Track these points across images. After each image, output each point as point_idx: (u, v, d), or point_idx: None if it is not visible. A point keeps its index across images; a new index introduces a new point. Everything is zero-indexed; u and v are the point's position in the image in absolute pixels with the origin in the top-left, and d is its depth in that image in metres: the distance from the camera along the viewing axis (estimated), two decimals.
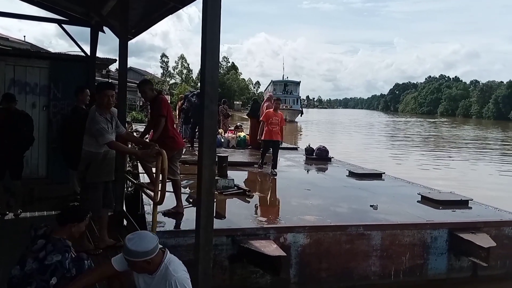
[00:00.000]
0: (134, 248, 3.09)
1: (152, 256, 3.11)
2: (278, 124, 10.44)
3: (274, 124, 10.39)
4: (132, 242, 3.12)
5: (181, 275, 3.15)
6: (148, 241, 3.14)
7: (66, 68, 9.36)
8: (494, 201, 8.71)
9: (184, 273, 3.20)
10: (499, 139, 41.57)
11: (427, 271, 6.47)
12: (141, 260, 3.10)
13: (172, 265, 3.18)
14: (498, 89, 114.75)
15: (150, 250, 3.09)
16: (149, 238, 3.18)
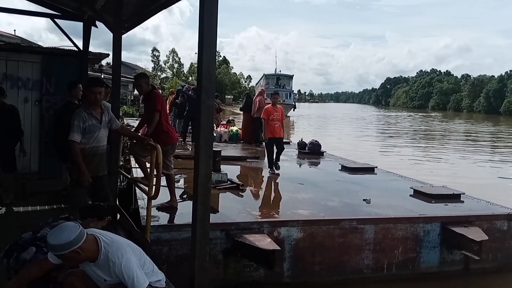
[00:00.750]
0: (56, 242, 3.02)
1: (78, 245, 3.05)
2: (279, 119, 9.98)
3: (276, 120, 9.88)
4: (52, 237, 3.05)
5: (120, 261, 3.15)
6: (69, 232, 3.06)
7: (59, 63, 9.30)
8: (486, 195, 8.80)
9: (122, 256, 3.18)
10: (490, 134, 41.86)
11: (420, 264, 6.53)
12: (69, 252, 3.03)
13: (111, 252, 3.17)
14: (489, 83, 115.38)
15: (74, 239, 3.02)
16: (70, 228, 3.10)
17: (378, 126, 49.00)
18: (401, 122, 57.68)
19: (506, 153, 25.88)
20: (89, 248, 3.13)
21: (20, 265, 3.64)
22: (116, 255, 3.16)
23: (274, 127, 9.82)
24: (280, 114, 9.97)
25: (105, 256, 3.16)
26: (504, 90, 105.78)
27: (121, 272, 3.13)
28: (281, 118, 10.00)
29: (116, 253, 3.18)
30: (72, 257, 3.09)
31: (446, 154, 23.67)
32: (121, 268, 3.13)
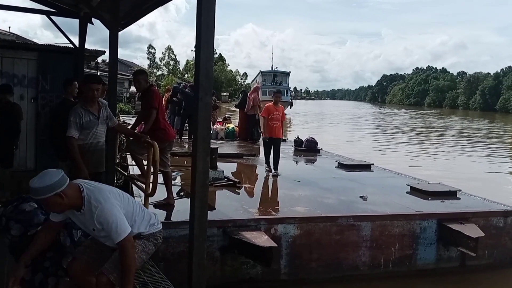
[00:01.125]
0: (39, 185, 2.99)
1: (61, 188, 3.03)
2: (279, 119, 9.48)
3: (275, 119, 9.39)
4: (35, 181, 3.03)
5: (102, 206, 3.12)
6: (51, 175, 3.04)
7: (55, 60, 9.27)
8: (482, 192, 8.83)
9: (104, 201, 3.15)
10: (486, 131, 41.98)
11: (416, 261, 6.55)
12: (51, 196, 3.00)
13: (93, 197, 3.14)
14: (485, 80, 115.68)
15: (56, 182, 3.01)
16: (52, 172, 3.08)
17: (374, 124, 49.04)
18: (397, 120, 57.74)
19: (501, 150, 25.97)
20: (73, 194, 3.10)
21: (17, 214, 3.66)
22: (97, 200, 3.13)
23: (273, 127, 9.41)
24: (280, 114, 9.53)
25: (88, 202, 3.13)
26: (500, 87, 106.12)
27: (102, 218, 3.10)
28: (281, 118, 9.56)
29: (97, 198, 3.14)
30: (56, 202, 3.05)
31: (442, 151, 23.72)
32: (102, 213, 3.09)
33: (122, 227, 3.13)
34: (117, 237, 3.11)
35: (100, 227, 3.13)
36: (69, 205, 3.11)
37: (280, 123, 9.53)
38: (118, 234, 3.11)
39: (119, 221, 3.13)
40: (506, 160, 22.00)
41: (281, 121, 9.54)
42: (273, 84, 61.78)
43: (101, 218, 3.09)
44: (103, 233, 3.19)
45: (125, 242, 3.13)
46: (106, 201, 3.15)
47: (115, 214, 3.13)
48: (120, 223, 3.13)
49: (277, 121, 9.42)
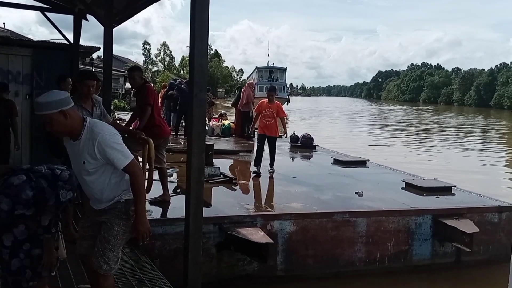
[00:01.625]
0: (44, 99, 2.95)
1: (66, 107, 2.99)
2: (273, 116, 8.93)
3: (268, 116, 8.93)
4: (41, 97, 3.00)
5: (107, 132, 3.09)
6: (57, 93, 3.04)
7: (49, 56, 9.23)
8: (477, 187, 8.87)
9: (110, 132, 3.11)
10: (480, 126, 42.11)
11: (412, 257, 6.58)
12: (55, 112, 2.95)
13: (96, 126, 3.10)
14: (480, 76, 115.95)
15: (62, 99, 2.98)
16: (58, 91, 3.08)
17: (370, 120, 49.11)
18: (393, 116, 57.84)
19: (496, 145, 26.08)
20: (76, 118, 3.07)
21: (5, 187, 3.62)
22: (100, 128, 3.09)
23: (266, 124, 8.98)
24: (274, 111, 8.97)
25: (89, 130, 3.07)
26: (494, 83, 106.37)
27: (104, 144, 3.02)
28: (276, 115, 8.99)
29: (100, 127, 3.12)
30: (59, 121, 2.99)
31: (437, 147, 23.78)
32: (104, 140, 3.03)
33: (126, 153, 3.09)
34: (123, 162, 3.05)
35: (99, 156, 3.05)
36: (70, 128, 3.05)
37: (274, 120, 9.01)
38: (124, 158, 3.06)
39: (123, 147, 3.09)
40: (501, 156, 22.10)
41: (275, 117, 9.00)
42: (270, 80, 61.05)
43: (103, 144, 3.02)
44: (93, 166, 3.10)
45: (132, 166, 3.09)
46: (110, 130, 3.13)
47: (119, 142, 3.10)
48: (124, 149, 3.09)
49: (271, 119, 8.94)
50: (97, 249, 3.22)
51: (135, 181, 3.10)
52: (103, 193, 3.19)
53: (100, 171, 3.13)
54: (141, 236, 3.16)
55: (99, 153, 3.04)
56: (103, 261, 3.18)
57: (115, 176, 3.17)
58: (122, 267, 4.73)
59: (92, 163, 3.09)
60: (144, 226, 3.15)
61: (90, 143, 3.04)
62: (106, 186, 3.17)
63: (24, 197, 3.59)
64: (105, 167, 3.12)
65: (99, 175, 3.14)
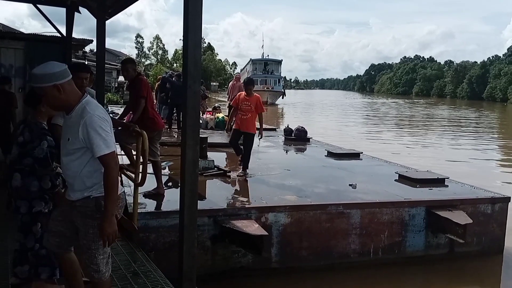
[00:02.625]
0: (39, 71, 2.89)
1: (62, 81, 2.90)
2: (250, 110, 8.06)
3: (245, 110, 8.06)
4: (37, 68, 2.94)
5: (98, 114, 2.94)
6: (53, 65, 2.94)
7: (42, 49, 9.19)
8: (469, 179, 8.91)
9: (101, 116, 2.96)
10: (473, 119, 42.28)
11: (405, 248, 6.61)
12: (49, 86, 2.87)
13: (90, 105, 2.97)
14: (472, 69, 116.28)
15: (57, 73, 2.89)
16: (55, 63, 2.98)
17: (363, 113, 49.19)
18: (386, 109, 57.96)
19: (488, 137, 26.20)
20: (72, 92, 2.97)
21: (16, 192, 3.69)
22: (93, 109, 2.95)
23: (241, 119, 8.12)
24: (252, 105, 8.07)
25: (83, 107, 2.95)
26: (487, 76, 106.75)
27: (91, 126, 2.88)
28: (255, 109, 8.09)
29: (94, 107, 2.98)
30: (53, 94, 2.91)
31: (430, 139, 23.87)
32: (91, 122, 2.88)
33: (108, 142, 2.92)
34: (101, 150, 2.88)
35: (81, 136, 2.90)
36: (65, 102, 2.96)
37: (252, 115, 8.10)
38: (104, 147, 2.89)
39: (108, 136, 2.93)
40: (493, 148, 22.21)
41: (253, 112, 8.10)
42: (264, 73, 59.92)
43: (89, 125, 2.88)
44: (75, 146, 2.96)
45: (110, 158, 2.91)
46: (101, 114, 2.98)
47: (105, 129, 2.94)
48: (108, 138, 2.93)
49: (247, 113, 8.07)
50: (84, 259, 3.09)
51: (109, 175, 2.92)
52: (74, 179, 3.02)
53: (78, 153, 2.97)
54: (107, 238, 2.93)
55: (82, 133, 2.90)
56: (93, 270, 3.06)
57: (91, 165, 2.98)
58: (117, 260, 4.75)
59: (74, 143, 2.95)
60: (112, 227, 2.93)
61: (78, 121, 2.92)
62: (79, 173, 2.99)
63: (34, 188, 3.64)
64: (85, 151, 2.95)
65: (76, 157, 2.98)
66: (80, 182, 3.00)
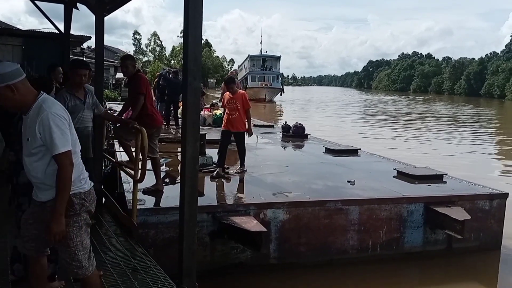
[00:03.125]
0: None
1: (13, 81, 2.82)
2: (237, 109, 7.82)
3: (232, 109, 7.84)
4: None
5: (55, 111, 2.89)
6: (5, 65, 2.86)
7: (40, 46, 9.17)
8: (467, 175, 8.94)
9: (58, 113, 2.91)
10: (471, 115, 42.34)
11: (404, 244, 6.64)
12: (2, 86, 2.79)
13: (46, 103, 2.91)
14: (470, 65, 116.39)
15: (8, 73, 2.81)
16: (6, 63, 2.91)
17: (361, 109, 49.19)
18: (383, 105, 57.97)
19: (486, 134, 26.26)
20: (26, 92, 2.90)
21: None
22: (50, 107, 2.90)
23: (229, 118, 7.90)
24: (238, 102, 7.83)
25: (38, 106, 2.89)
26: (485, 72, 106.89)
27: (46, 124, 2.83)
28: (242, 107, 7.85)
29: (51, 105, 2.93)
30: (6, 95, 2.83)
31: (428, 136, 23.90)
32: (47, 119, 2.83)
33: (64, 141, 2.87)
34: (56, 149, 2.84)
35: (39, 135, 2.86)
36: (20, 102, 2.89)
37: (240, 113, 7.85)
38: (59, 145, 2.85)
39: (64, 134, 2.88)
40: (490, 144, 22.27)
41: (240, 110, 7.84)
42: (263, 70, 58.92)
43: (45, 122, 2.84)
44: (35, 145, 2.90)
45: (64, 157, 2.86)
46: (59, 111, 2.93)
47: (61, 127, 2.89)
48: (64, 137, 2.88)
49: (234, 112, 7.83)
50: (64, 259, 3.06)
51: (61, 174, 2.87)
52: (40, 180, 2.97)
53: (40, 154, 2.92)
54: (53, 237, 2.87)
55: (39, 131, 2.85)
56: (75, 267, 3.03)
57: (54, 164, 2.92)
58: (116, 256, 4.76)
59: (33, 143, 2.90)
60: (59, 227, 2.87)
61: (36, 119, 2.86)
62: (44, 173, 2.94)
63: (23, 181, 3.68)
64: (45, 150, 2.90)
65: (38, 158, 2.93)
66: (46, 183, 2.96)
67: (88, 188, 3.13)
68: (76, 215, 3.02)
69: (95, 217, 5.87)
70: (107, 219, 5.98)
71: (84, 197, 3.06)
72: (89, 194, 3.12)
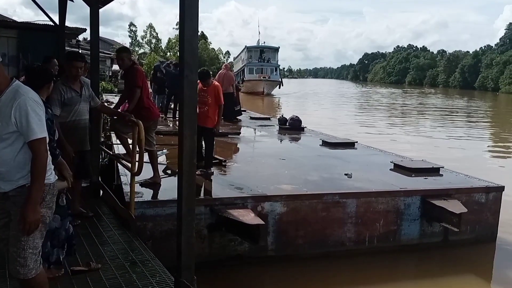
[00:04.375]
0: None
1: None
2: (207, 102, 7.16)
3: (201, 103, 7.06)
4: None
5: (32, 97, 2.81)
6: None
7: (35, 38, 9.11)
8: (463, 167, 8.97)
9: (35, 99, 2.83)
10: (465, 108, 42.43)
11: (400, 236, 6.66)
12: None
13: (22, 88, 2.82)
14: (464, 58, 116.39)
15: None
16: None
17: (357, 102, 49.21)
18: (379, 98, 57.98)
19: (480, 126, 26.34)
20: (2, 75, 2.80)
21: None
22: (26, 91, 2.81)
23: (199, 112, 6.65)
24: (210, 96, 7.18)
25: (13, 90, 2.79)
26: (479, 65, 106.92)
27: (22, 109, 2.74)
28: (213, 101, 7.18)
29: (27, 90, 2.83)
30: None
31: (424, 129, 23.95)
32: (24, 104, 2.74)
33: (41, 127, 2.80)
34: (33, 134, 2.76)
35: (14, 120, 2.75)
36: None
37: (209, 107, 7.18)
38: (37, 131, 2.77)
39: (41, 120, 2.82)
40: (485, 136, 22.34)
41: (209, 104, 7.18)
42: (260, 61, 56.29)
43: (22, 107, 2.74)
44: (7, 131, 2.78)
45: (40, 143, 2.79)
46: (35, 98, 2.85)
47: (39, 113, 2.81)
48: (41, 122, 2.82)
49: (204, 105, 7.15)
50: (11, 252, 2.89)
51: (36, 161, 2.79)
52: (7, 167, 2.83)
53: (11, 139, 2.80)
54: (27, 225, 2.78)
55: (15, 116, 2.74)
56: (19, 264, 2.85)
57: (25, 151, 2.83)
58: (114, 249, 4.76)
59: (6, 127, 2.78)
60: (35, 215, 2.78)
61: (10, 103, 2.75)
62: (12, 160, 2.82)
63: None
64: (17, 136, 2.80)
65: (7, 144, 2.80)
66: (13, 171, 2.85)
67: (53, 180, 3.03)
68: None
69: (93, 210, 5.88)
70: (105, 211, 5.98)
71: (47, 189, 2.95)
72: (53, 187, 3.02)
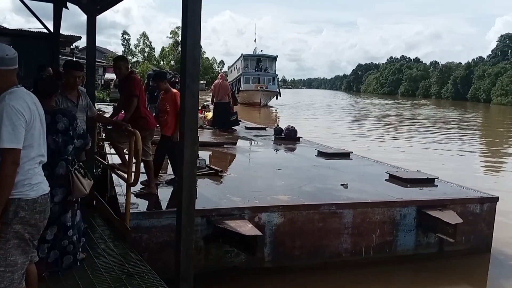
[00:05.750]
0: None
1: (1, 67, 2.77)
2: (166, 111, 6.78)
3: (162, 111, 6.90)
4: None
5: (14, 105, 2.71)
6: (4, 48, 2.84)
7: (29, 46, 9.01)
8: (457, 179, 8.98)
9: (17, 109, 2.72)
10: (458, 119, 42.70)
11: (396, 247, 6.64)
12: None
13: (10, 95, 2.76)
14: (457, 70, 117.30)
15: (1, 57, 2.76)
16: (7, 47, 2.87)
17: (351, 112, 49.37)
18: (373, 108, 58.23)
19: (473, 137, 26.51)
20: (5, 81, 2.80)
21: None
22: (11, 99, 2.74)
23: (160, 121, 6.96)
24: (168, 103, 6.78)
25: (2, 97, 2.75)
26: (471, 77, 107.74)
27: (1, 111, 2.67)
28: (172, 109, 6.69)
29: (13, 98, 2.76)
30: None
31: (417, 139, 24.04)
32: (7, 109, 2.67)
33: (12, 137, 2.65)
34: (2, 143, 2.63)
35: None
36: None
37: (168, 115, 6.77)
38: (5, 140, 2.63)
39: (15, 130, 2.67)
40: (478, 147, 22.47)
41: (168, 112, 6.77)
42: (257, 71, 52.86)
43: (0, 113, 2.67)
44: None
45: (6, 153, 2.64)
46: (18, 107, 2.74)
47: (15, 122, 2.68)
48: (14, 132, 2.66)
49: (163, 114, 6.86)
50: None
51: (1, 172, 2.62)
52: None
53: None
54: None
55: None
56: None
57: None
58: (110, 261, 4.70)
59: None
60: None
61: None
62: None
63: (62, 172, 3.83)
64: None
65: None
66: None
67: (34, 196, 2.82)
68: (5, 224, 2.71)
69: (87, 221, 5.82)
70: (99, 222, 5.90)
71: (22, 205, 2.76)
72: (33, 203, 2.81)
